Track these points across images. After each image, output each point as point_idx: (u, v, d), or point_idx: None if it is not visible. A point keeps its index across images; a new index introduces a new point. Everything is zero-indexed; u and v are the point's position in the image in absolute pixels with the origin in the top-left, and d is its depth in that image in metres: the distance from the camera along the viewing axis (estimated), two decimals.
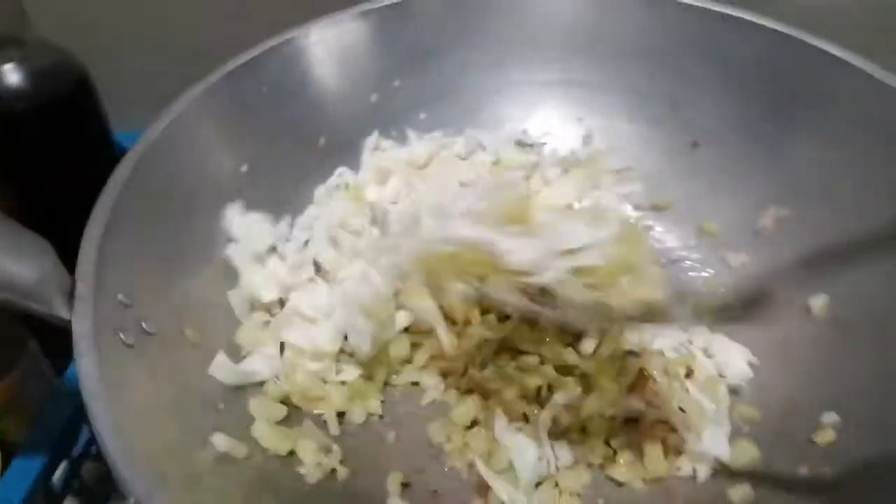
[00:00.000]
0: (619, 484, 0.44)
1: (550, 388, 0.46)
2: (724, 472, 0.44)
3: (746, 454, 0.44)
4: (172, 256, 0.44)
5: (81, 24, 0.62)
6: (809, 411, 0.44)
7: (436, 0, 0.58)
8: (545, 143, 0.62)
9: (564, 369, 0.47)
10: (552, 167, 0.60)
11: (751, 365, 0.48)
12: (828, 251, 0.35)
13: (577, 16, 0.59)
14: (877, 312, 0.45)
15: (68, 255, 0.37)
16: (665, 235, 0.57)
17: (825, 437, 0.43)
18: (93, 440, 0.45)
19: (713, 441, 0.44)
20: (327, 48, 0.55)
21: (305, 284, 0.50)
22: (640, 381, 0.45)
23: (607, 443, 0.45)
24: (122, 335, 0.37)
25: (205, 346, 0.43)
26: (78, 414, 0.44)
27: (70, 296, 0.35)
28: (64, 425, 0.44)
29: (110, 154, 0.55)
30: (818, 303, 0.48)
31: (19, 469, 0.42)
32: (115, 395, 0.33)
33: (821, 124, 0.51)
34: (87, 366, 0.33)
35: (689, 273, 0.55)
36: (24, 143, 0.50)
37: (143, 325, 0.38)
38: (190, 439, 0.37)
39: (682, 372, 0.47)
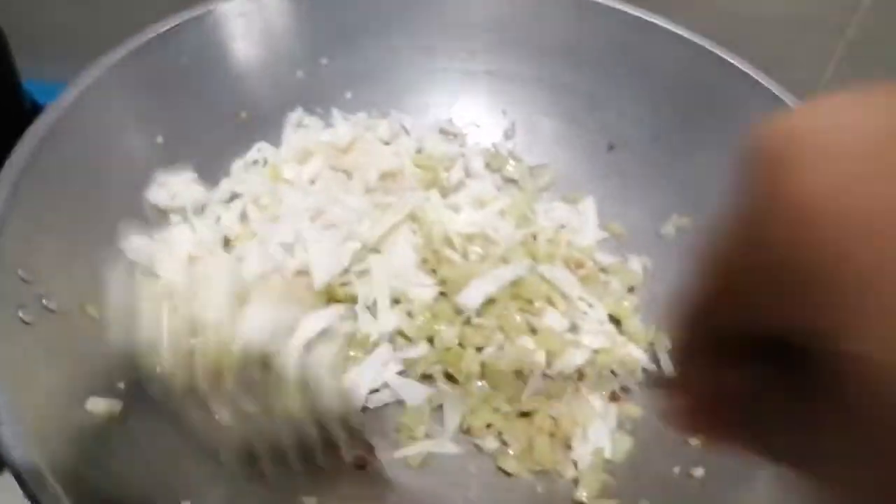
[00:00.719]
0: (508, 475, 0.46)
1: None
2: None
3: (622, 446, 0.47)
4: (79, 232, 0.43)
5: None
6: None
7: None
8: (467, 134, 0.63)
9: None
10: (476, 157, 0.61)
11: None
12: None
13: (505, 9, 0.60)
14: None
15: None
16: (573, 234, 0.59)
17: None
18: None
19: (596, 435, 0.47)
20: (251, 20, 0.54)
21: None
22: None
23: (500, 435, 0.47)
24: (20, 313, 0.36)
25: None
26: None
27: None
28: None
29: (20, 106, 0.53)
30: None
31: None
32: (9, 375, 0.33)
33: (726, 137, 0.54)
34: None
35: None
36: None
37: (44, 302, 0.38)
38: (84, 417, 0.38)
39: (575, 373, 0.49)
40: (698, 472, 0.45)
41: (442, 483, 0.45)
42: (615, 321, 0.53)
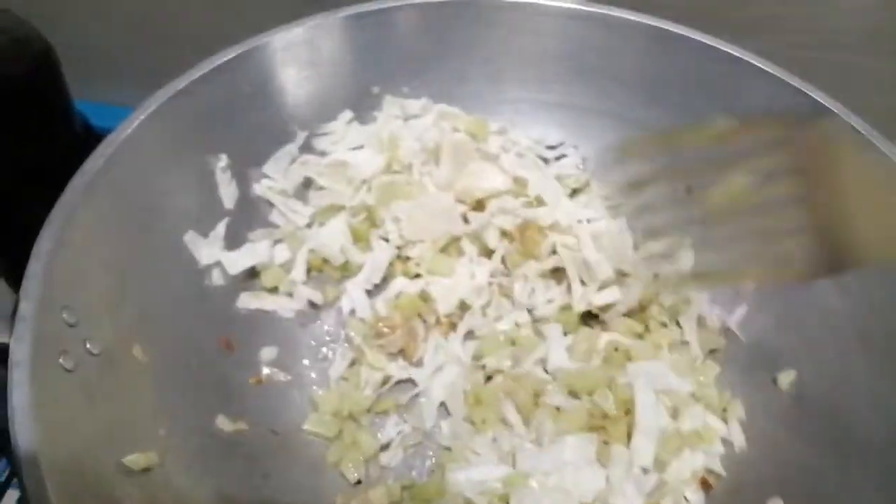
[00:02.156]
0: None
1: None
2: None
3: None
4: (128, 270, 0.42)
5: None
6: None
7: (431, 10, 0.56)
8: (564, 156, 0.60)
9: None
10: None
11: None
12: None
13: (578, 39, 0.57)
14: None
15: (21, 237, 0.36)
16: None
17: None
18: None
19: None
20: (302, 52, 0.53)
21: None
22: None
23: None
24: (62, 360, 0.36)
25: (152, 366, 0.42)
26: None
27: (12, 316, 0.34)
28: None
29: (71, 126, 0.53)
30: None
31: None
32: (46, 429, 0.33)
33: None
34: (19, 398, 0.33)
35: None
36: None
37: (88, 346, 0.38)
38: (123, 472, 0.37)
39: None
40: None
41: None
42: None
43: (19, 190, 0.50)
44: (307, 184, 0.54)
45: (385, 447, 0.46)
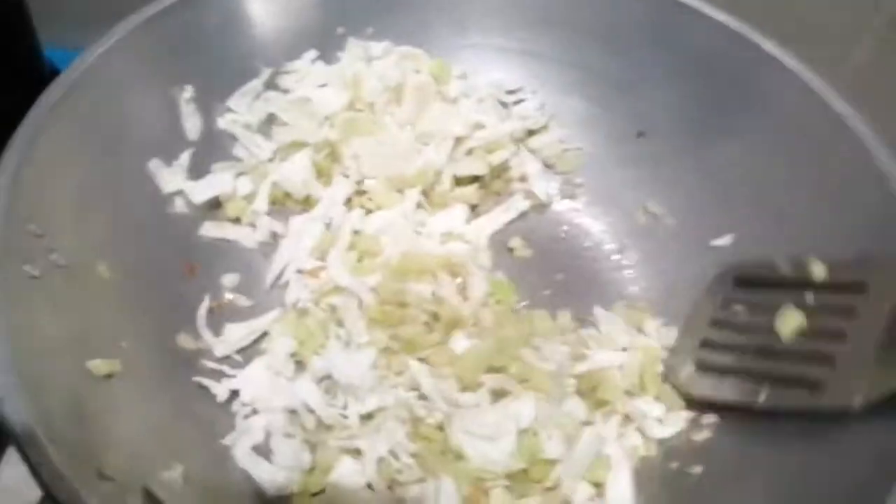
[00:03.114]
0: None
1: None
2: None
3: None
4: (97, 188, 0.44)
5: None
6: None
7: None
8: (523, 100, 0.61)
9: None
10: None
11: None
12: None
13: None
14: None
15: None
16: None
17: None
18: None
19: None
20: None
21: None
22: None
23: None
24: (28, 267, 0.37)
25: (116, 283, 0.43)
26: None
27: None
28: None
29: (40, 73, 0.54)
30: None
31: None
32: (10, 328, 0.34)
33: (755, 126, 0.52)
34: None
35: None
36: None
37: (53, 257, 0.39)
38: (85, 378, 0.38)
39: None
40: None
41: None
42: None
43: None
44: (271, 119, 0.55)
45: None
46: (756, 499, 0.40)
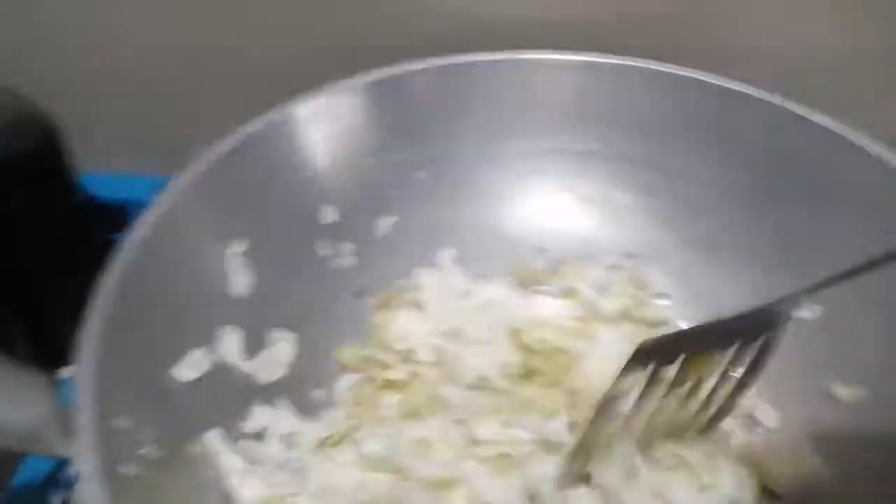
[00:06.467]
0: None
1: None
2: None
3: None
4: (166, 366, 0.42)
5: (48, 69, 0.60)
6: None
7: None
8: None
9: None
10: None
11: None
12: None
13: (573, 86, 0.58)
14: None
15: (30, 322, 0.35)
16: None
17: None
18: None
19: None
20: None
21: None
22: None
23: None
24: (123, 468, 0.35)
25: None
26: None
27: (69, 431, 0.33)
28: None
29: (74, 204, 0.53)
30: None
31: None
32: None
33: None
34: None
35: None
36: None
37: (144, 451, 0.37)
38: None
39: None
40: None
41: None
42: None
43: (26, 265, 0.49)
44: None
45: None
46: None
